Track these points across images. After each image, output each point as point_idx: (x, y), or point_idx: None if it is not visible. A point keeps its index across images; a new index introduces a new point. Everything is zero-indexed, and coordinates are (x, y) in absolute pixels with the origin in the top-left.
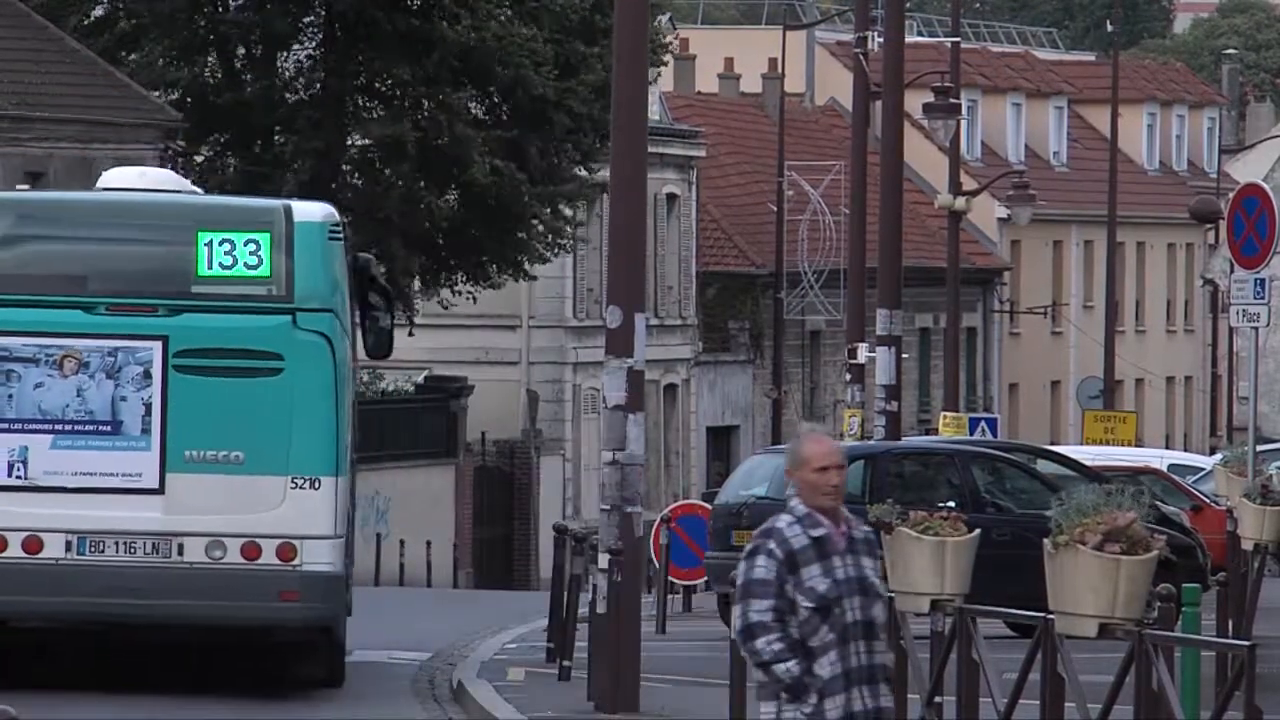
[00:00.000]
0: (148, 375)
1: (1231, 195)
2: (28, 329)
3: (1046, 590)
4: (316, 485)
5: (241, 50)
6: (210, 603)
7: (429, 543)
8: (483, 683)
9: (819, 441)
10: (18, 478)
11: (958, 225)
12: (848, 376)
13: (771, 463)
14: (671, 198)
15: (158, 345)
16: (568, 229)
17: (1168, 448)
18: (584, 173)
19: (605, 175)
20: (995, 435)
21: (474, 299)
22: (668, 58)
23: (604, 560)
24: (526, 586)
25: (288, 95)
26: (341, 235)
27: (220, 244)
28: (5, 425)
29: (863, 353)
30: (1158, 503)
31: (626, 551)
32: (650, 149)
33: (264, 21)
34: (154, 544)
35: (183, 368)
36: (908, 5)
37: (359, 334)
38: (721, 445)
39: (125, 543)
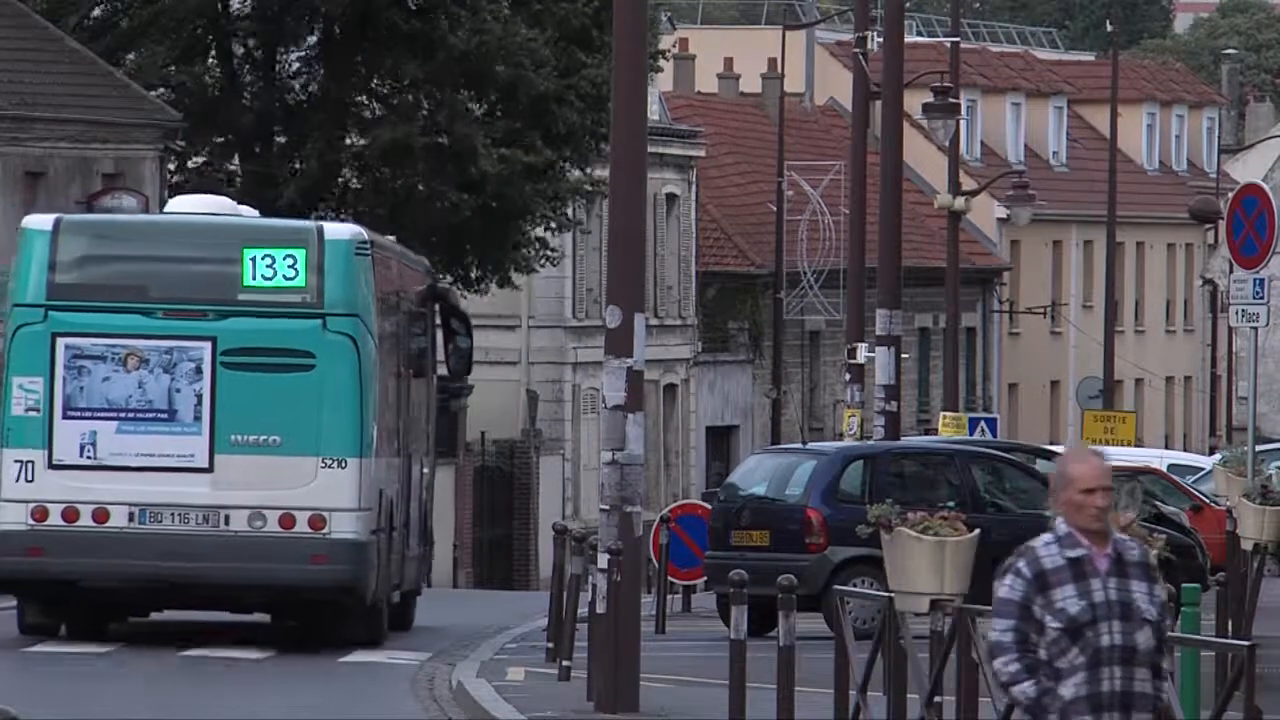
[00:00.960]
0: (199, 370)
1: (1231, 195)
2: (97, 331)
3: None
4: (344, 465)
5: (241, 51)
6: (252, 565)
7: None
8: (483, 683)
9: (1085, 461)
10: (88, 458)
11: (957, 225)
12: (847, 376)
13: (771, 462)
14: (671, 198)
15: (208, 345)
16: (565, 220)
17: (1167, 448)
18: (583, 173)
19: (605, 175)
20: (995, 435)
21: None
22: (664, 62)
23: (604, 560)
24: (526, 586)
25: (288, 96)
26: (368, 252)
27: (262, 259)
28: (77, 413)
29: (862, 353)
30: (1157, 503)
31: (626, 551)
32: (650, 149)
33: (264, 25)
34: (204, 515)
35: (229, 364)
36: (908, 5)
37: (442, 356)
38: (721, 445)
39: (179, 514)
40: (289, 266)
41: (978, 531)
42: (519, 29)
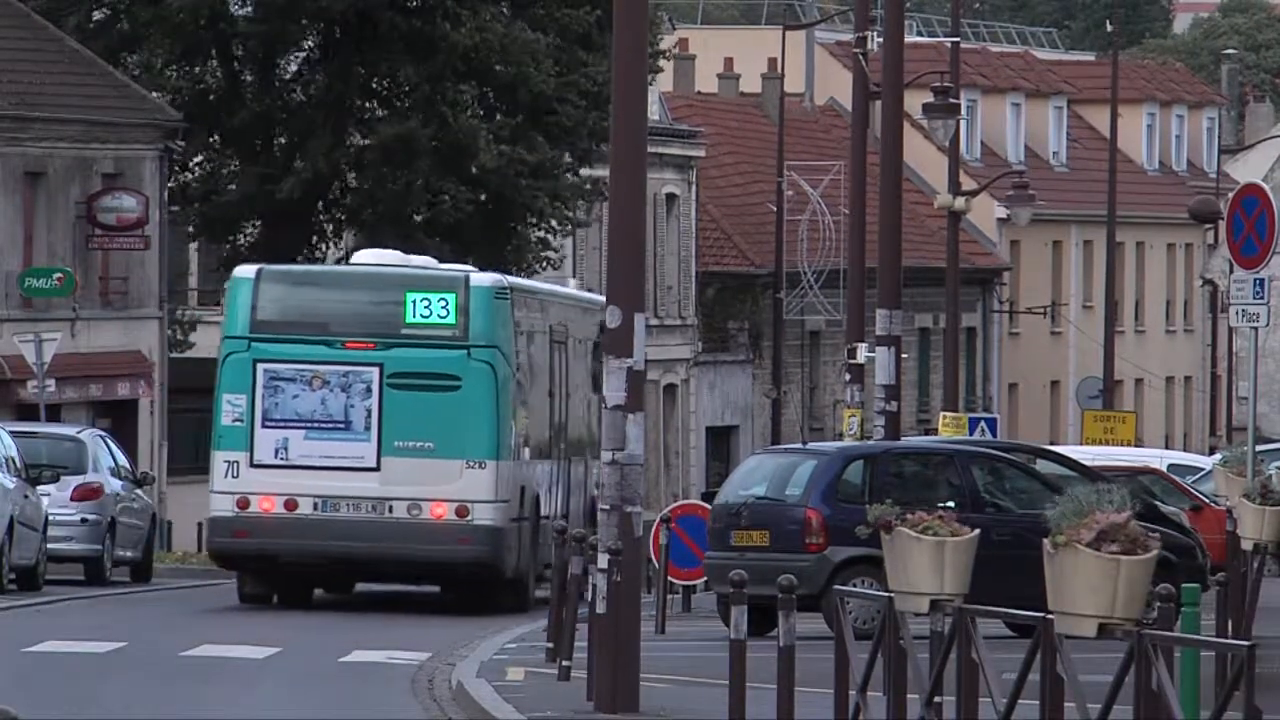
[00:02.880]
0: (369, 390)
1: (1231, 195)
2: (289, 358)
3: (1046, 590)
4: (483, 466)
5: (241, 51)
6: (410, 545)
7: None
8: (483, 683)
9: None
10: (281, 459)
11: (957, 225)
12: (847, 376)
13: (771, 462)
14: (671, 198)
15: (376, 370)
16: (566, 219)
17: (1167, 448)
18: (583, 173)
19: (605, 175)
20: (995, 435)
21: None
22: (665, 62)
23: (604, 560)
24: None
25: (288, 97)
26: (508, 296)
27: (421, 301)
28: (273, 423)
29: (862, 353)
30: (1157, 503)
31: (626, 551)
32: (650, 149)
33: (265, 26)
34: (373, 505)
35: (393, 385)
36: (908, 5)
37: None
38: (721, 445)
39: (353, 504)
40: (442, 307)
41: (978, 532)
42: (520, 30)
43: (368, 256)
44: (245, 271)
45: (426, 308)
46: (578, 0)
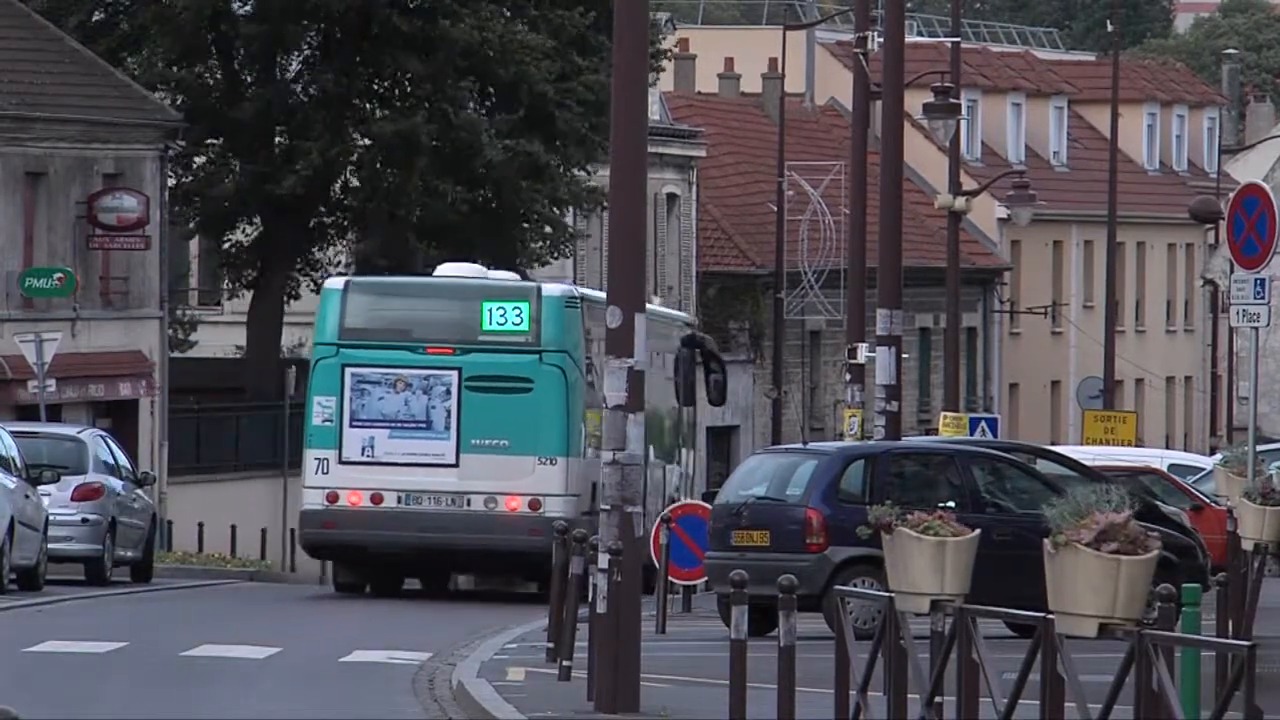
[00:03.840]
0: (449, 392)
1: (1231, 195)
2: (375, 363)
3: (1046, 590)
4: (554, 462)
5: (241, 51)
6: (487, 536)
7: None
8: (483, 683)
9: None
10: (368, 456)
11: (958, 225)
12: (848, 376)
13: (771, 463)
14: (671, 198)
15: (455, 373)
16: (567, 230)
17: (1168, 448)
18: (583, 174)
19: (605, 176)
20: (995, 435)
21: None
22: (665, 63)
23: (604, 560)
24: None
25: (288, 98)
26: (578, 305)
27: (496, 309)
28: (360, 423)
29: (863, 353)
30: (1157, 503)
31: (626, 551)
32: (650, 149)
33: (265, 26)
34: (451, 498)
35: (471, 387)
36: (908, 5)
37: (702, 390)
38: (721, 445)
39: (434, 498)
40: (515, 315)
41: (978, 532)
42: (519, 30)
43: (449, 269)
44: (334, 283)
45: (501, 316)
46: (572, 1)
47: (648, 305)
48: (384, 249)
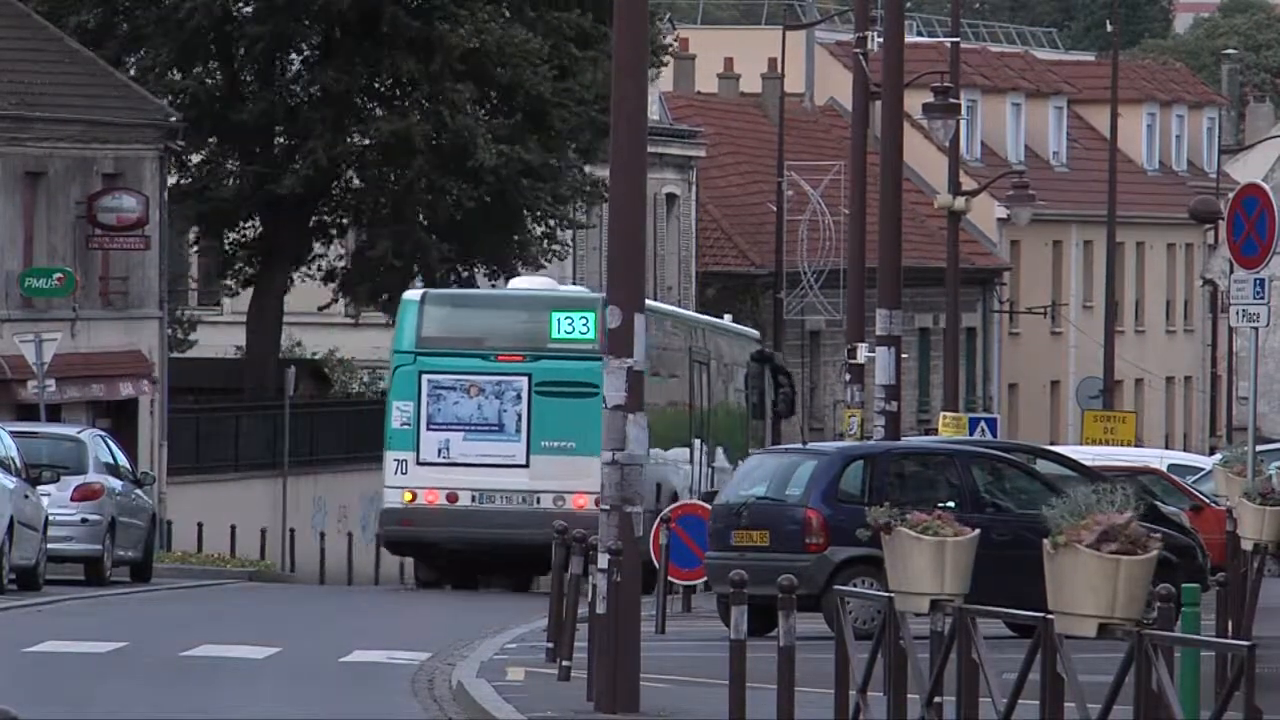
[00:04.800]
0: (519, 397)
1: (1231, 195)
2: (451, 370)
3: (1046, 590)
4: None
5: (242, 51)
6: (555, 533)
7: None
8: (483, 683)
9: None
10: (444, 457)
11: (957, 225)
12: (847, 376)
13: (771, 462)
14: (671, 198)
15: (526, 379)
16: (567, 222)
17: (1167, 448)
18: (585, 170)
19: (605, 175)
20: (995, 435)
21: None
22: (667, 59)
23: (604, 560)
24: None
25: (288, 98)
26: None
27: (564, 319)
28: (437, 426)
29: (862, 353)
30: (1157, 503)
31: (626, 551)
32: (650, 149)
33: (266, 27)
34: (522, 497)
35: (540, 392)
36: (908, 5)
37: (768, 403)
38: None
39: (506, 496)
40: (582, 325)
41: (978, 532)
42: (517, 32)
43: (520, 282)
44: (412, 295)
45: (569, 325)
46: (569, 2)
47: (719, 320)
48: (396, 248)
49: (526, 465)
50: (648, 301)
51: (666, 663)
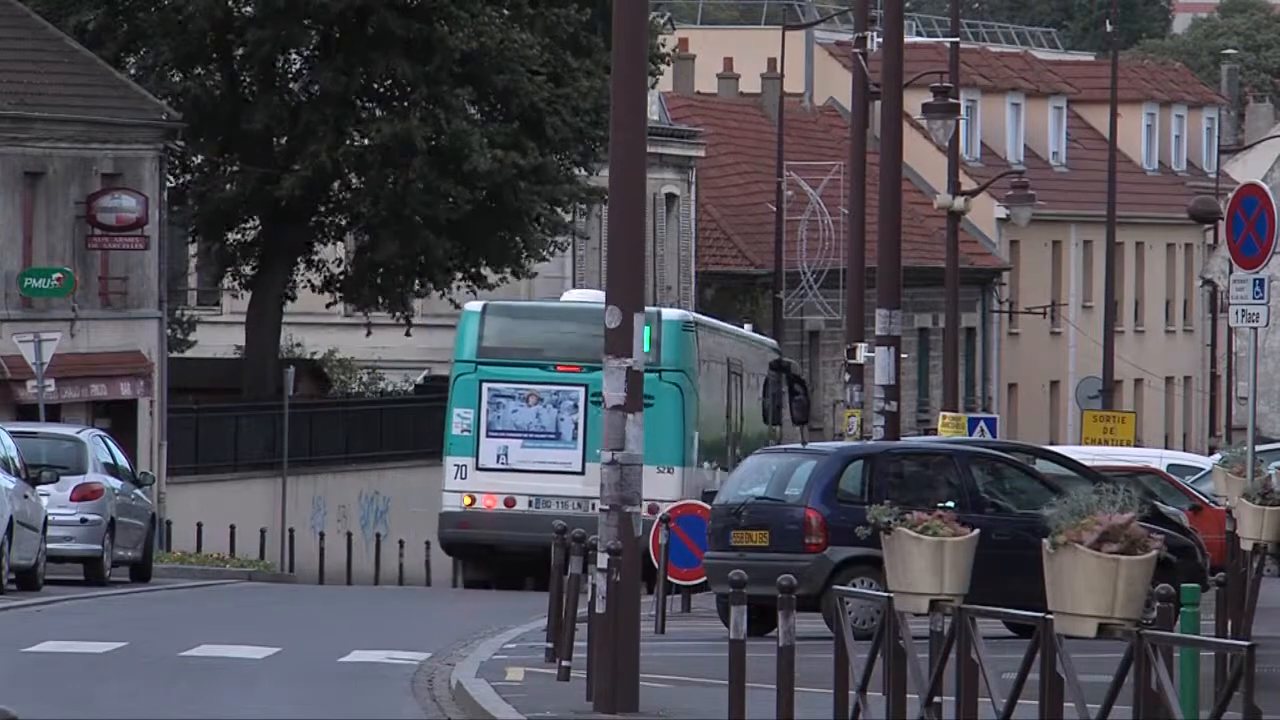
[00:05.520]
0: (576, 406)
1: (1231, 195)
2: (510, 379)
3: (1046, 590)
4: (671, 471)
5: (242, 52)
6: None
7: (428, 543)
8: (482, 683)
9: None
10: (502, 463)
11: (957, 225)
12: (847, 377)
13: (771, 462)
14: (671, 198)
15: (582, 389)
16: (564, 227)
17: (1167, 448)
18: (582, 173)
19: (604, 178)
20: (994, 435)
21: (474, 293)
22: (664, 65)
23: (603, 560)
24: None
25: (288, 99)
26: (693, 330)
27: None
28: (496, 434)
29: (862, 353)
30: (1157, 503)
31: (626, 551)
32: (650, 149)
33: (266, 28)
34: (577, 502)
35: (596, 402)
36: (907, 5)
37: (787, 408)
38: None
39: (561, 502)
40: None
41: (977, 532)
42: (516, 36)
43: (575, 295)
44: (473, 307)
45: None
46: None
47: (746, 330)
48: (402, 248)
49: (582, 472)
50: (699, 317)
51: (666, 663)
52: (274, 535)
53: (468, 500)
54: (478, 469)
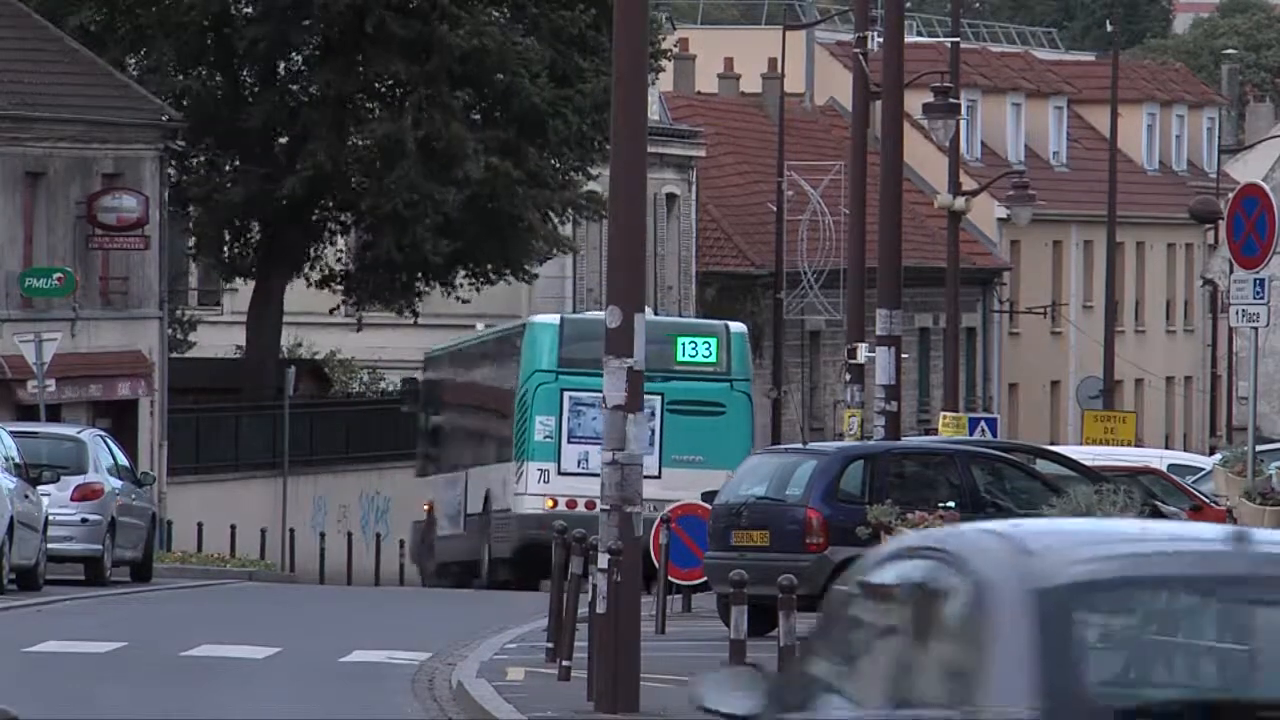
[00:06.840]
0: (653, 414)
1: (1231, 195)
2: (589, 388)
3: None
4: None
5: (242, 52)
6: None
7: None
8: (483, 683)
9: None
10: (583, 468)
11: (957, 225)
12: (847, 376)
13: (771, 462)
14: (671, 198)
15: (659, 398)
16: (553, 239)
17: (1167, 448)
18: (582, 177)
19: (603, 181)
20: (995, 435)
21: (477, 290)
22: (665, 62)
23: (604, 560)
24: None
25: (287, 98)
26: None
27: (689, 344)
28: (576, 440)
29: (862, 353)
30: (1157, 503)
31: (626, 551)
32: (650, 149)
33: (267, 28)
34: (654, 505)
35: (671, 410)
36: (908, 5)
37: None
38: None
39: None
40: (706, 349)
41: None
42: (517, 37)
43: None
44: (551, 319)
45: (694, 349)
46: (572, 0)
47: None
48: (402, 248)
49: (658, 477)
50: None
51: (667, 663)
52: (274, 535)
53: (550, 503)
54: (560, 473)
